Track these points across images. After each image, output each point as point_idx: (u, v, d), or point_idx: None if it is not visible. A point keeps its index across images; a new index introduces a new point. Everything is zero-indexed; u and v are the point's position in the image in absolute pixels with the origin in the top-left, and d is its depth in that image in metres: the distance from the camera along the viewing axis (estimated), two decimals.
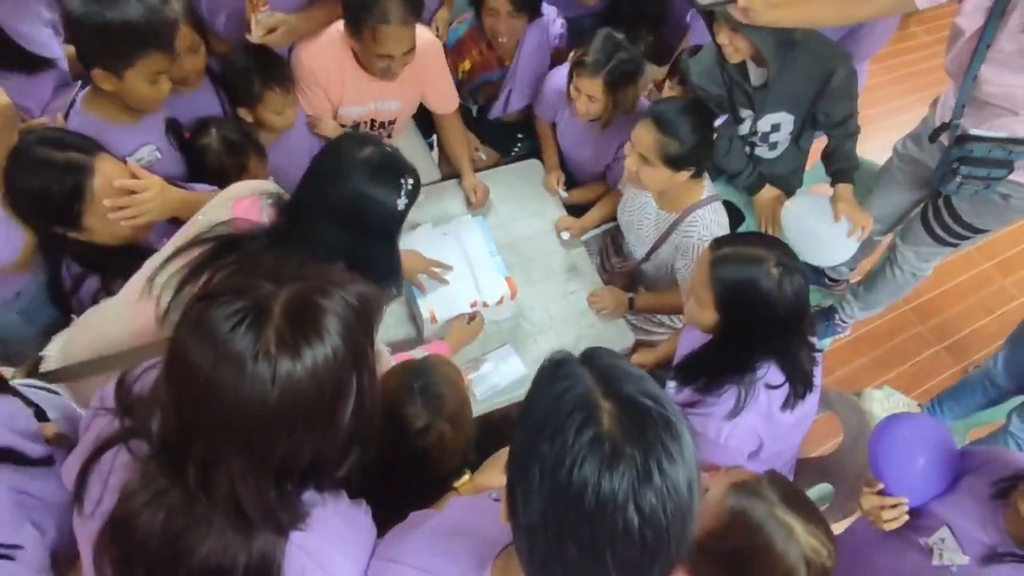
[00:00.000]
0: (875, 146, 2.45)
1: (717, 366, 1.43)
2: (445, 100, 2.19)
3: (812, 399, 1.49)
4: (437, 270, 1.87)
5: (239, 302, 0.72)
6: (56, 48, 1.63)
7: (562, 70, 2.22)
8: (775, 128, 2.05)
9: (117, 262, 1.43)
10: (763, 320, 1.34)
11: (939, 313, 2.89)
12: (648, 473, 0.62)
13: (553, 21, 2.34)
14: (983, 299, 2.96)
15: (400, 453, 1.19)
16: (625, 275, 2.29)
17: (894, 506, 1.31)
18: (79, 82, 1.64)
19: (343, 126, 2.08)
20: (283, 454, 0.75)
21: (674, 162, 1.73)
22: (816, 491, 1.87)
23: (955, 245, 2.10)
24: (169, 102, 1.61)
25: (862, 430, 1.74)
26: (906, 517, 1.31)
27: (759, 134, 2.08)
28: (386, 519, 1.14)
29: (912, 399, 2.51)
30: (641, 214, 2.03)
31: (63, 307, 1.51)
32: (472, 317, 1.82)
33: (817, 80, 1.90)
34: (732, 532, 1.11)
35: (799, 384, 1.41)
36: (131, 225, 1.40)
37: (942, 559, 1.22)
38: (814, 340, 1.52)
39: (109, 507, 0.81)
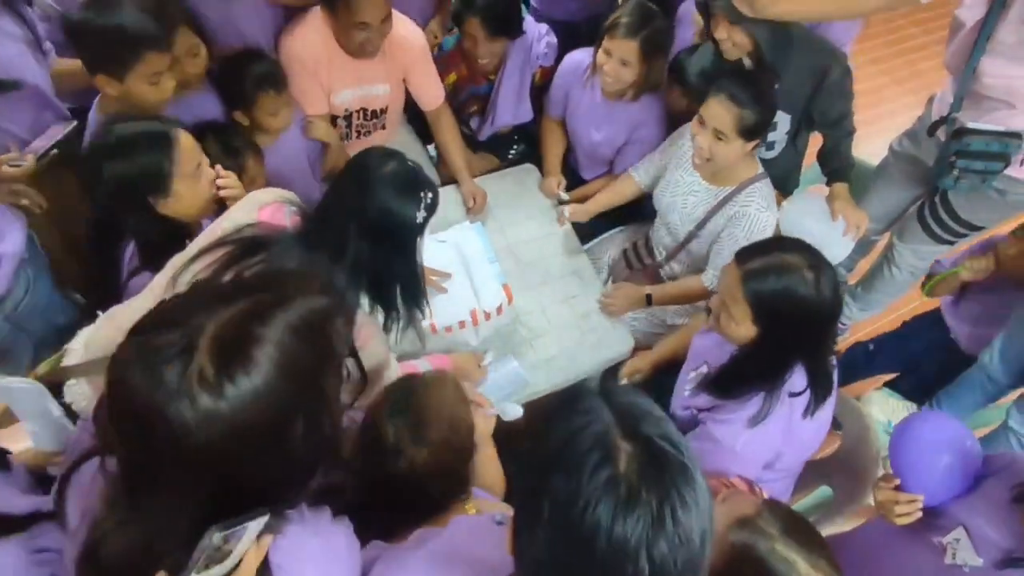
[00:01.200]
0: (874, 147, 2.45)
1: (754, 376, 1.39)
2: (431, 90, 2.17)
3: (830, 403, 1.47)
4: (435, 278, 1.87)
5: (170, 335, 0.70)
6: (29, 66, 1.60)
7: (577, 53, 2.22)
8: (772, 127, 2.05)
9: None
10: (803, 327, 1.32)
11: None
12: (662, 520, 0.60)
13: (539, 39, 2.31)
14: None
15: (378, 474, 1.15)
16: (649, 274, 2.26)
17: (909, 501, 1.29)
18: (74, 122, 1.65)
19: (336, 117, 2.09)
20: (217, 483, 0.72)
21: (750, 132, 1.73)
22: (816, 495, 1.87)
23: (952, 243, 2.10)
24: (174, 104, 1.63)
25: (862, 433, 1.74)
26: (919, 514, 1.29)
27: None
28: (388, 536, 1.14)
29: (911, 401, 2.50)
30: (687, 192, 1.99)
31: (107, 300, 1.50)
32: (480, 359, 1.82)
33: (813, 77, 1.91)
34: (736, 567, 1.07)
35: (821, 388, 1.39)
36: (228, 196, 1.46)
37: (955, 559, 1.21)
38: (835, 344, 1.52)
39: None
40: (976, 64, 1.66)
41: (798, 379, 1.37)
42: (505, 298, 1.89)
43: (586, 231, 2.28)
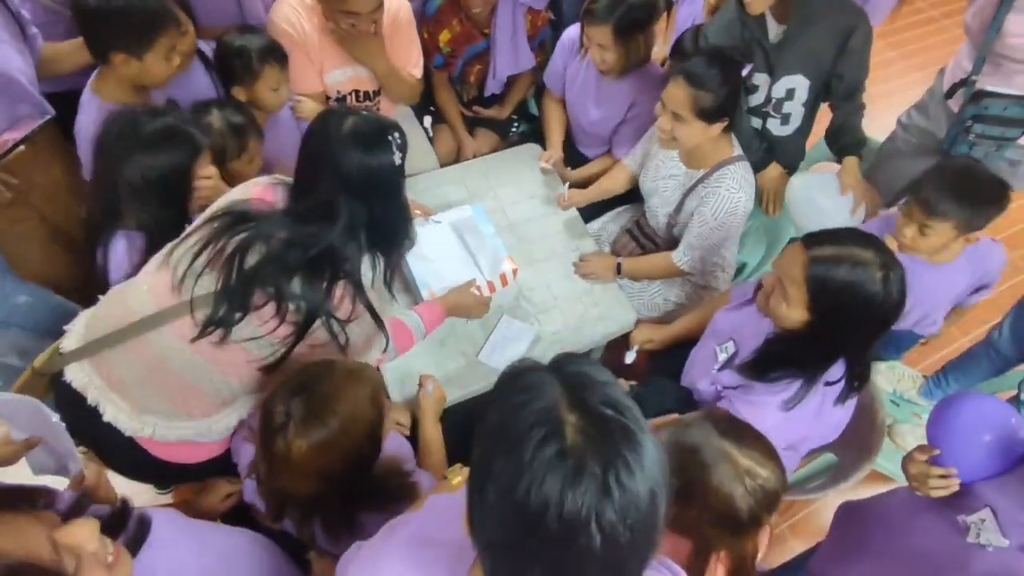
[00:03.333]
0: (882, 122, 2.43)
1: (795, 363, 1.36)
2: (409, 61, 2.13)
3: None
4: (419, 212, 1.91)
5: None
6: (5, 55, 1.59)
7: (572, 29, 2.21)
8: (789, 95, 2.03)
9: None
10: (860, 324, 1.29)
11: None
12: (608, 488, 0.59)
13: None
14: None
15: (264, 448, 1.13)
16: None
17: (942, 475, 1.26)
18: (48, 115, 1.66)
19: (329, 99, 2.09)
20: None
21: (708, 115, 1.72)
22: (820, 461, 1.87)
23: None
24: (167, 84, 1.65)
25: (867, 403, 1.73)
26: (956, 487, 1.25)
27: (773, 102, 2.05)
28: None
29: (918, 371, 2.49)
30: (667, 176, 2.00)
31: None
32: (479, 291, 1.83)
33: (837, 36, 1.89)
34: (673, 466, 1.09)
35: (858, 379, 1.37)
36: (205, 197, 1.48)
37: (979, 539, 1.19)
38: None
39: None
40: (1001, 23, 1.64)
41: (835, 368, 1.35)
42: (510, 268, 1.90)
43: (589, 209, 2.28)
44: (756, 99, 2.08)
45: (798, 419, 1.36)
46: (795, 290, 1.30)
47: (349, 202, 1.28)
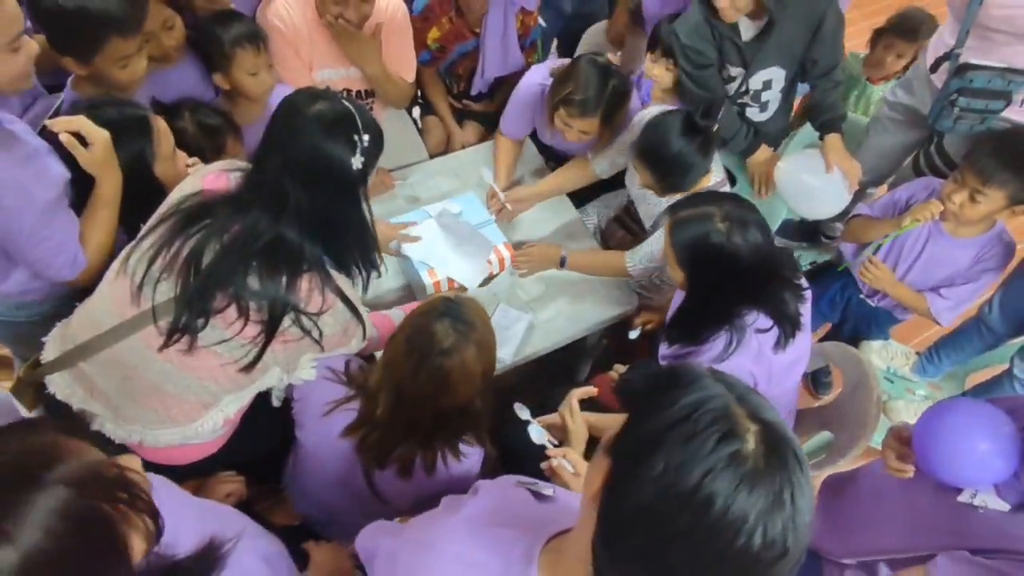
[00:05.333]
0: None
1: (697, 319, 1.47)
2: (402, 65, 2.09)
3: (803, 339, 1.51)
4: (405, 232, 1.84)
5: None
6: None
7: (534, 78, 2.09)
8: (766, 85, 2.03)
9: None
10: (725, 271, 1.38)
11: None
12: (782, 502, 0.61)
13: None
14: None
15: (420, 375, 1.23)
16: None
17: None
18: (59, 96, 1.57)
19: None
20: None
21: (680, 189, 1.72)
22: (817, 439, 1.89)
23: None
24: (153, 79, 1.59)
25: (861, 379, 1.75)
26: (910, 473, 1.27)
27: (750, 92, 2.06)
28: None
29: (911, 348, 2.52)
30: (653, 204, 1.96)
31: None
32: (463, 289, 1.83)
33: (810, 24, 1.89)
34: None
35: (786, 325, 1.43)
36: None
37: (973, 499, 1.19)
38: (801, 281, 1.53)
39: None
40: None
41: (764, 318, 1.43)
42: (508, 254, 1.89)
43: (577, 194, 2.24)
44: (731, 88, 2.07)
45: (739, 366, 1.43)
46: (670, 253, 1.44)
47: (294, 185, 1.20)
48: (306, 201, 1.22)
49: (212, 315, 1.20)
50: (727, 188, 1.86)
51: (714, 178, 1.81)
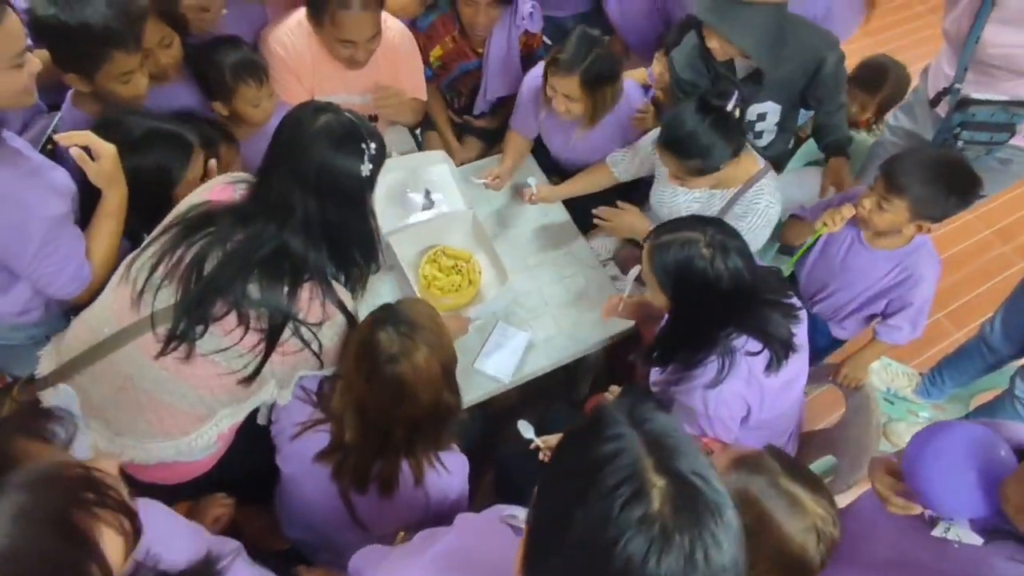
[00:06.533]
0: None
1: (681, 342, 1.46)
2: (416, 87, 2.13)
3: (798, 361, 1.49)
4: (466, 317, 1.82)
5: None
6: None
7: (536, 72, 2.13)
8: (761, 118, 2.02)
9: None
10: (708, 296, 1.37)
11: (939, 281, 2.87)
12: (695, 562, 0.59)
13: (524, 1, 2.25)
14: (983, 265, 2.95)
15: (375, 387, 1.20)
16: None
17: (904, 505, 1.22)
18: (56, 114, 1.59)
19: None
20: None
21: (706, 171, 1.70)
22: (820, 464, 1.87)
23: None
24: (150, 95, 1.58)
25: (863, 401, 1.74)
26: (917, 510, 1.21)
27: (744, 122, 2.04)
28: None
29: (914, 368, 2.50)
30: (689, 200, 1.93)
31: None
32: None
33: (808, 69, 1.88)
34: (738, 510, 1.07)
35: (777, 348, 1.42)
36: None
37: (947, 533, 1.18)
38: (793, 301, 1.51)
39: None
40: (979, 34, 1.62)
41: (754, 341, 1.42)
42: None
43: (584, 219, 2.18)
44: None
45: (732, 391, 1.42)
46: (650, 278, 1.43)
47: (303, 196, 1.23)
48: (316, 211, 1.24)
49: (211, 322, 1.20)
50: (771, 175, 1.83)
51: (758, 165, 1.81)
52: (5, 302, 1.40)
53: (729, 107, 1.66)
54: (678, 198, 1.94)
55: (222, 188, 1.32)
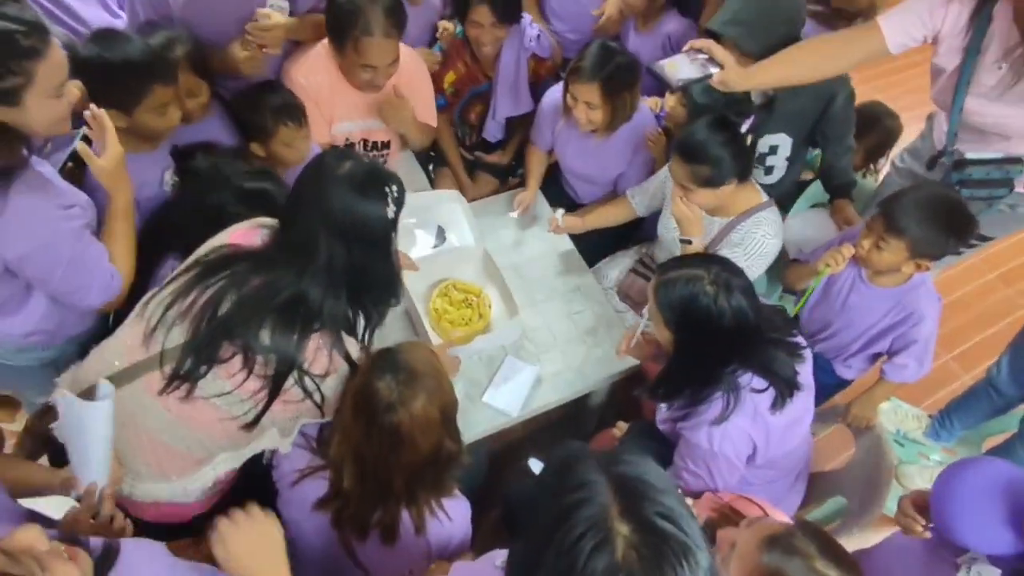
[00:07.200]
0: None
1: (685, 379, 1.47)
2: (427, 112, 2.19)
3: (803, 399, 1.49)
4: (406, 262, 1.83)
5: None
6: None
7: (556, 89, 2.22)
8: (772, 150, 2.06)
9: None
10: (711, 332, 1.39)
11: (946, 323, 2.86)
12: None
13: (530, 24, 2.33)
14: (989, 308, 2.96)
15: (372, 436, 1.19)
16: None
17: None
18: (80, 131, 1.65)
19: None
20: None
21: (712, 182, 1.73)
22: (830, 505, 1.85)
23: (959, 253, 2.10)
24: (177, 132, 1.64)
25: (873, 443, 1.73)
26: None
27: (756, 155, 2.09)
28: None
29: (922, 410, 2.48)
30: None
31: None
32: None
33: (820, 102, 1.93)
34: None
35: (781, 386, 1.43)
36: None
37: (969, 573, 1.18)
38: (798, 340, 1.52)
39: None
40: (961, 105, 1.67)
41: (759, 378, 1.43)
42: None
43: (591, 252, 2.28)
44: None
45: (737, 427, 1.43)
46: (656, 313, 1.46)
47: (329, 243, 1.23)
48: (342, 254, 1.25)
49: (216, 364, 1.20)
50: (773, 210, 1.86)
51: (761, 198, 1.85)
52: (15, 322, 1.43)
53: (744, 128, 1.71)
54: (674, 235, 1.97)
55: (245, 232, 1.33)
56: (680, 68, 1.68)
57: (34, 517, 1.08)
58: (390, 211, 1.27)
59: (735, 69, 1.66)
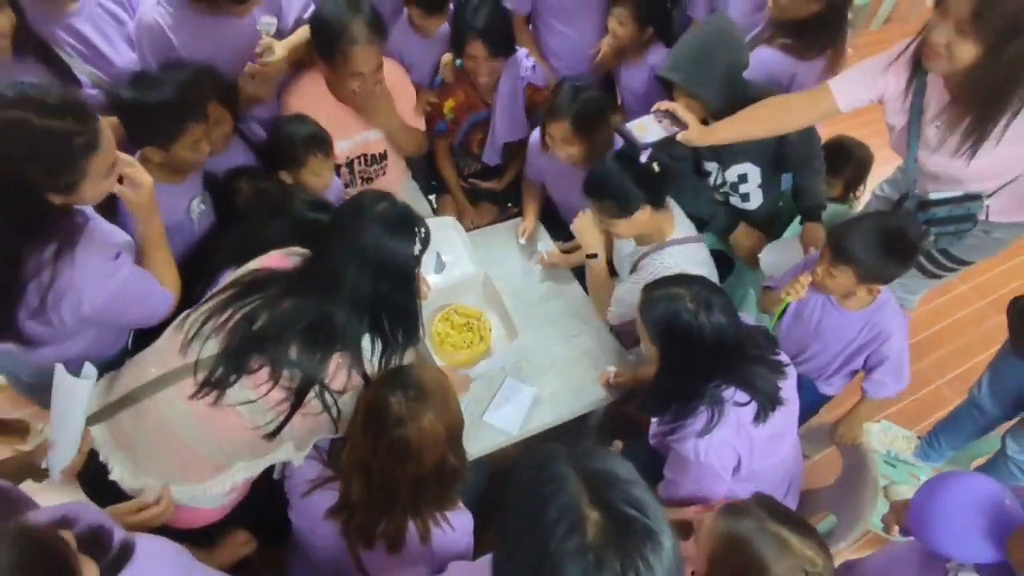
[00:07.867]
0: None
1: (669, 393, 1.55)
2: (409, 113, 2.32)
3: (786, 414, 1.56)
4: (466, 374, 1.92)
5: None
6: None
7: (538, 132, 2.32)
8: (742, 179, 2.15)
9: None
10: (693, 347, 1.47)
11: (937, 350, 2.94)
12: None
13: (526, 55, 2.48)
14: (980, 335, 3.01)
15: (380, 449, 1.26)
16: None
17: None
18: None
19: (340, 166, 2.25)
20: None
21: (623, 213, 1.85)
22: (822, 525, 1.89)
23: (940, 277, 2.17)
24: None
25: (859, 462, 1.77)
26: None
27: (727, 184, 2.18)
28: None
29: (912, 432, 2.53)
30: (623, 254, 2.11)
31: None
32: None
33: None
34: (728, 553, 1.14)
35: (763, 400, 1.50)
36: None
37: None
38: (780, 358, 1.59)
39: None
40: (915, 155, 1.80)
41: (742, 392, 1.50)
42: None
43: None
44: (712, 181, 2.20)
45: (722, 440, 1.49)
46: (642, 330, 1.55)
47: (356, 273, 1.35)
48: (368, 286, 1.36)
49: (245, 374, 1.29)
50: (689, 246, 1.94)
51: (677, 230, 1.93)
52: (60, 350, 1.49)
53: (642, 159, 1.81)
54: (622, 250, 2.12)
55: (279, 258, 1.45)
56: (648, 130, 1.80)
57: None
58: (416, 249, 1.40)
59: (697, 127, 1.80)
